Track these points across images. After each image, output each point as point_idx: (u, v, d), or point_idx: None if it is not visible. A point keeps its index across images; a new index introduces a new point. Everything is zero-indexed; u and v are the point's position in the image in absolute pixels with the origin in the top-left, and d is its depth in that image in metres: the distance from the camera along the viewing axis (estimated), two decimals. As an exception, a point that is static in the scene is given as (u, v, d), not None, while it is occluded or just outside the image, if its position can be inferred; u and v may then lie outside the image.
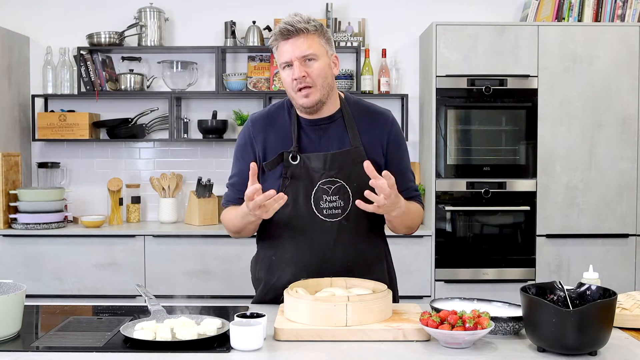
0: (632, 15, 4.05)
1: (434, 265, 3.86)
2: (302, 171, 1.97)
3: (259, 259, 2.12)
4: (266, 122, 2.05)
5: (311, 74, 1.92)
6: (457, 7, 4.35)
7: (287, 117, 2.04)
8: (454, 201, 3.88)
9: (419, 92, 4.34)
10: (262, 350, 1.57)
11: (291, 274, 1.99)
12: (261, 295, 2.09)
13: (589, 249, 3.88)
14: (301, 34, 1.91)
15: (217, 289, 3.81)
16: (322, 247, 1.98)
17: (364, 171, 1.80)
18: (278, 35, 1.93)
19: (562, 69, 3.86)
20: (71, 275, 3.82)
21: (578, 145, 3.87)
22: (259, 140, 2.03)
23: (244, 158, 2.05)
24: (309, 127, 2.02)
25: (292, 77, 1.92)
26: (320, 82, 1.93)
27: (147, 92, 4.28)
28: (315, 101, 1.94)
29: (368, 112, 2.07)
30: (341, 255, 1.99)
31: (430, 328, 1.57)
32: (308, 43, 1.91)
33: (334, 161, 1.97)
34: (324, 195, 1.97)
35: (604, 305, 1.50)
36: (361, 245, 2.02)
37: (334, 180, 1.97)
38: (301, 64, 1.91)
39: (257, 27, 4.25)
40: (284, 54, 1.92)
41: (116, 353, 1.55)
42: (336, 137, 2.00)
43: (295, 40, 1.91)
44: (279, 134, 2.02)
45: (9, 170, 3.91)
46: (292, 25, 1.91)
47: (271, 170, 1.99)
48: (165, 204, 4.17)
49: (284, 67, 1.94)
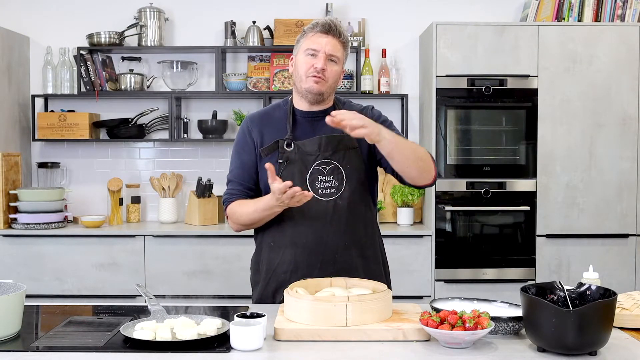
0: (632, 15, 4.05)
1: (434, 265, 3.86)
2: (296, 156, 2.10)
3: (262, 248, 2.18)
4: (263, 118, 2.21)
5: (329, 72, 2.10)
6: (457, 7, 4.35)
7: (283, 113, 2.18)
8: (454, 201, 3.88)
9: (419, 92, 4.34)
10: (262, 350, 1.57)
11: (291, 255, 2.09)
12: (264, 285, 2.14)
13: (589, 249, 3.88)
14: (337, 38, 2.11)
15: (217, 289, 3.81)
16: (319, 225, 2.08)
17: (356, 157, 2.11)
18: (319, 27, 2.10)
19: (562, 69, 3.86)
20: (71, 275, 3.82)
21: (578, 145, 3.87)
22: (255, 132, 2.17)
23: (244, 150, 2.17)
24: (303, 118, 2.16)
25: (311, 64, 2.08)
26: (330, 82, 2.12)
27: (147, 92, 4.28)
28: (321, 91, 2.10)
29: (355, 109, 2.18)
30: (338, 234, 2.09)
31: (430, 328, 1.57)
32: (339, 48, 2.11)
33: (329, 144, 2.11)
34: (319, 176, 2.09)
35: (604, 305, 1.50)
36: (356, 224, 2.13)
37: (328, 162, 2.10)
38: (326, 59, 2.08)
39: (257, 27, 4.25)
40: (316, 43, 2.09)
41: (116, 353, 1.55)
42: (329, 128, 2.05)
43: (332, 39, 2.10)
44: (275, 127, 2.16)
45: (9, 170, 3.91)
46: (335, 25, 2.11)
47: (267, 155, 2.11)
48: (165, 204, 4.17)
49: (307, 54, 2.09)
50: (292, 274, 2.08)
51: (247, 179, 2.16)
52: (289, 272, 2.09)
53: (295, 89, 2.18)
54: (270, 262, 2.13)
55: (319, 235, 2.08)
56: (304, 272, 2.06)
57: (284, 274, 2.09)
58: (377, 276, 2.12)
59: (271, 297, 2.12)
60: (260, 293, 2.15)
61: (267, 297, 2.12)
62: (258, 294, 2.16)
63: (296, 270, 2.08)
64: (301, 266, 2.08)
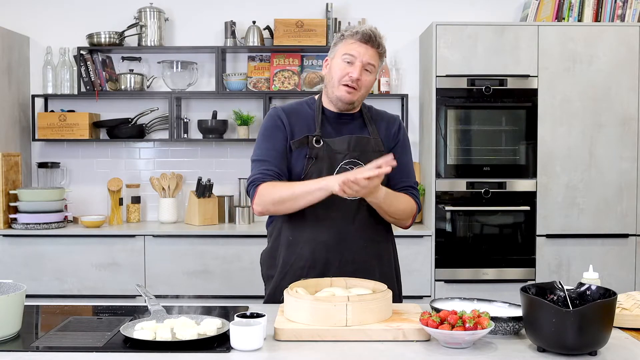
0: (632, 15, 4.05)
1: (434, 265, 3.86)
2: (324, 153, 2.10)
3: (279, 243, 2.16)
4: (292, 112, 2.19)
5: (363, 82, 2.11)
6: (457, 7, 4.35)
7: (311, 110, 2.19)
8: (454, 201, 3.88)
9: (419, 92, 4.34)
10: (262, 350, 1.57)
11: (310, 251, 2.09)
12: (279, 279, 2.12)
13: (589, 249, 3.88)
14: (375, 48, 2.12)
15: (217, 289, 3.81)
16: (340, 224, 2.09)
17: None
18: (358, 36, 2.10)
19: (562, 69, 3.86)
20: (71, 275, 3.82)
21: (578, 145, 3.87)
22: (286, 122, 2.15)
23: (277, 135, 2.14)
24: (332, 118, 2.18)
25: (347, 72, 2.09)
26: (364, 91, 2.14)
27: (147, 92, 4.28)
28: (353, 101, 2.13)
29: (381, 115, 2.26)
30: (358, 233, 2.11)
31: (430, 328, 1.57)
32: (375, 57, 2.12)
33: (357, 144, 2.13)
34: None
35: (604, 305, 1.50)
36: (377, 226, 2.15)
37: (355, 162, 2.11)
38: (362, 68, 2.10)
39: (257, 27, 4.25)
40: (355, 51, 2.09)
41: (116, 353, 1.55)
42: (357, 130, 2.17)
43: (370, 48, 2.10)
44: (304, 122, 2.16)
45: (9, 170, 3.91)
46: (376, 36, 2.12)
47: (297, 149, 2.11)
48: (165, 204, 4.17)
49: (344, 60, 2.10)
50: (310, 269, 2.07)
51: (280, 160, 2.10)
52: (306, 268, 2.08)
53: (325, 92, 2.18)
54: (287, 256, 2.12)
55: (340, 234, 2.09)
56: (322, 269, 2.06)
57: (300, 270, 2.08)
58: (389, 278, 2.13)
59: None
60: (275, 287, 2.13)
61: (282, 292, 2.11)
62: (272, 288, 2.15)
63: (314, 266, 2.08)
64: (319, 263, 2.08)
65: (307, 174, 2.09)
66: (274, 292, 2.14)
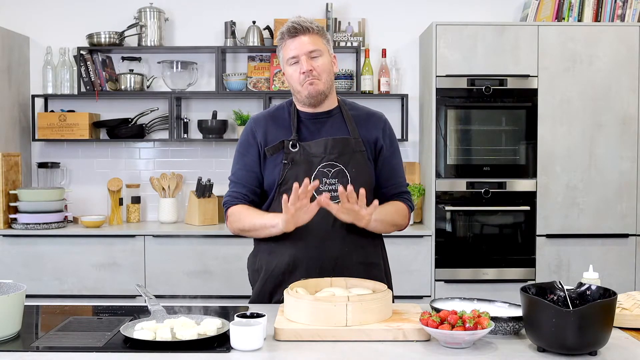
0: (632, 15, 4.05)
1: (434, 265, 3.86)
2: (301, 157, 2.08)
3: (260, 249, 2.17)
4: (267, 119, 2.18)
5: (317, 68, 2.06)
6: (457, 7, 4.35)
7: (287, 114, 2.16)
8: (454, 201, 3.88)
9: (419, 92, 4.34)
10: (262, 350, 1.57)
11: (290, 256, 2.06)
12: (260, 285, 2.13)
13: (589, 249, 3.88)
14: (307, 33, 2.06)
15: (217, 289, 3.81)
16: (321, 228, 2.05)
17: (362, 160, 2.08)
18: (285, 34, 2.08)
19: (562, 69, 3.86)
20: (71, 275, 3.82)
21: (578, 145, 3.87)
22: (260, 133, 2.14)
23: (248, 151, 2.15)
24: (308, 120, 2.14)
25: (299, 71, 2.06)
26: (325, 77, 2.08)
27: (147, 92, 4.28)
28: (320, 91, 2.08)
29: (363, 112, 2.20)
30: (340, 237, 2.07)
31: (430, 328, 1.57)
32: (313, 41, 2.06)
33: (335, 146, 2.08)
34: (324, 178, 2.07)
35: (604, 305, 1.50)
36: (359, 229, 2.06)
37: (333, 164, 2.08)
38: (308, 59, 2.05)
39: (257, 27, 4.25)
40: (291, 50, 2.06)
41: (116, 353, 1.55)
42: (335, 129, 2.12)
43: (302, 37, 2.05)
44: (280, 128, 2.14)
45: (9, 170, 3.91)
46: (299, 24, 2.06)
47: (272, 155, 2.10)
48: (165, 204, 4.17)
49: (290, 64, 2.08)
50: (290, 275, 2.05)
51: (250, 180, 2.14)
52: (286, 273, 2.07)
53: (296, 99, 2.16)
54: (268, 262, 2.12)
55: (320, 239, 2.05)
56: (302, 274, 2.03)
57: (281, 275, 2.07)
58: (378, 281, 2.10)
59: (268, 297, 2.11)
60: (257, 293, 2.14)
61: (264, 297, 2.11)
62: (255, 294, 2.16)
63: (294, 271, 2.06)
64: (299, 268, 2.06)
65: (284, 179, 2.07)
66: (257, 297, 2.14)
